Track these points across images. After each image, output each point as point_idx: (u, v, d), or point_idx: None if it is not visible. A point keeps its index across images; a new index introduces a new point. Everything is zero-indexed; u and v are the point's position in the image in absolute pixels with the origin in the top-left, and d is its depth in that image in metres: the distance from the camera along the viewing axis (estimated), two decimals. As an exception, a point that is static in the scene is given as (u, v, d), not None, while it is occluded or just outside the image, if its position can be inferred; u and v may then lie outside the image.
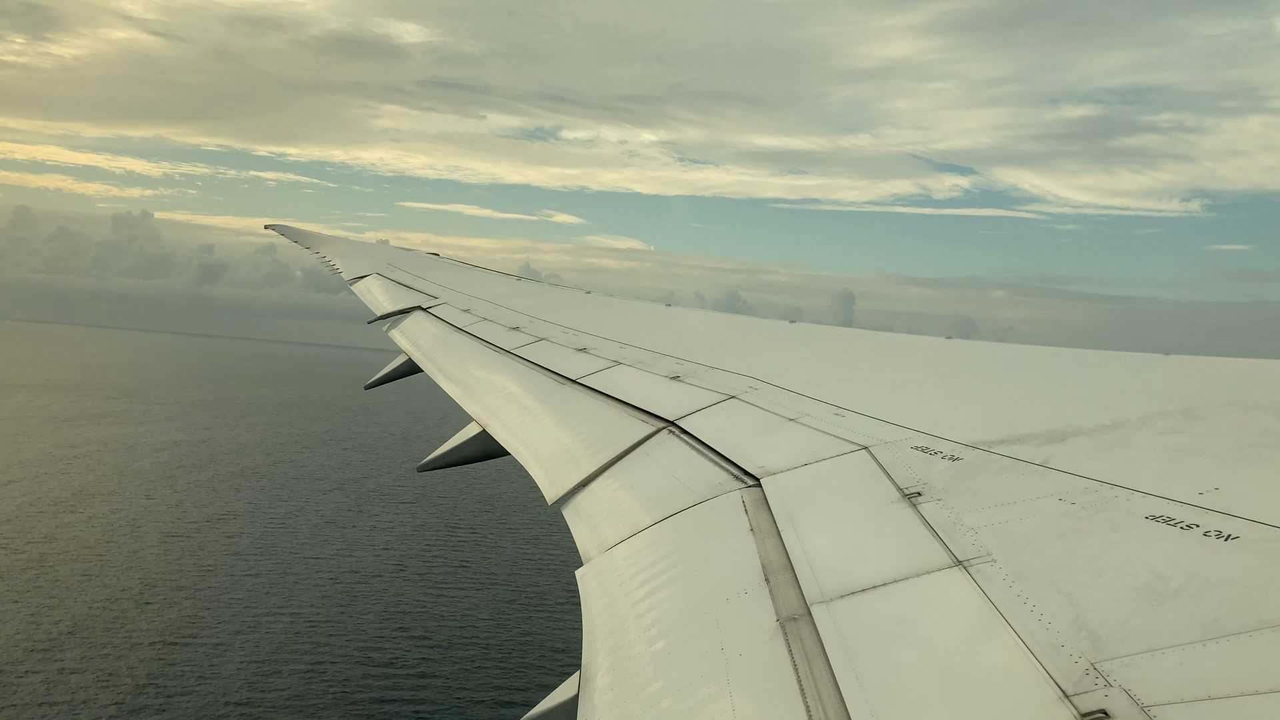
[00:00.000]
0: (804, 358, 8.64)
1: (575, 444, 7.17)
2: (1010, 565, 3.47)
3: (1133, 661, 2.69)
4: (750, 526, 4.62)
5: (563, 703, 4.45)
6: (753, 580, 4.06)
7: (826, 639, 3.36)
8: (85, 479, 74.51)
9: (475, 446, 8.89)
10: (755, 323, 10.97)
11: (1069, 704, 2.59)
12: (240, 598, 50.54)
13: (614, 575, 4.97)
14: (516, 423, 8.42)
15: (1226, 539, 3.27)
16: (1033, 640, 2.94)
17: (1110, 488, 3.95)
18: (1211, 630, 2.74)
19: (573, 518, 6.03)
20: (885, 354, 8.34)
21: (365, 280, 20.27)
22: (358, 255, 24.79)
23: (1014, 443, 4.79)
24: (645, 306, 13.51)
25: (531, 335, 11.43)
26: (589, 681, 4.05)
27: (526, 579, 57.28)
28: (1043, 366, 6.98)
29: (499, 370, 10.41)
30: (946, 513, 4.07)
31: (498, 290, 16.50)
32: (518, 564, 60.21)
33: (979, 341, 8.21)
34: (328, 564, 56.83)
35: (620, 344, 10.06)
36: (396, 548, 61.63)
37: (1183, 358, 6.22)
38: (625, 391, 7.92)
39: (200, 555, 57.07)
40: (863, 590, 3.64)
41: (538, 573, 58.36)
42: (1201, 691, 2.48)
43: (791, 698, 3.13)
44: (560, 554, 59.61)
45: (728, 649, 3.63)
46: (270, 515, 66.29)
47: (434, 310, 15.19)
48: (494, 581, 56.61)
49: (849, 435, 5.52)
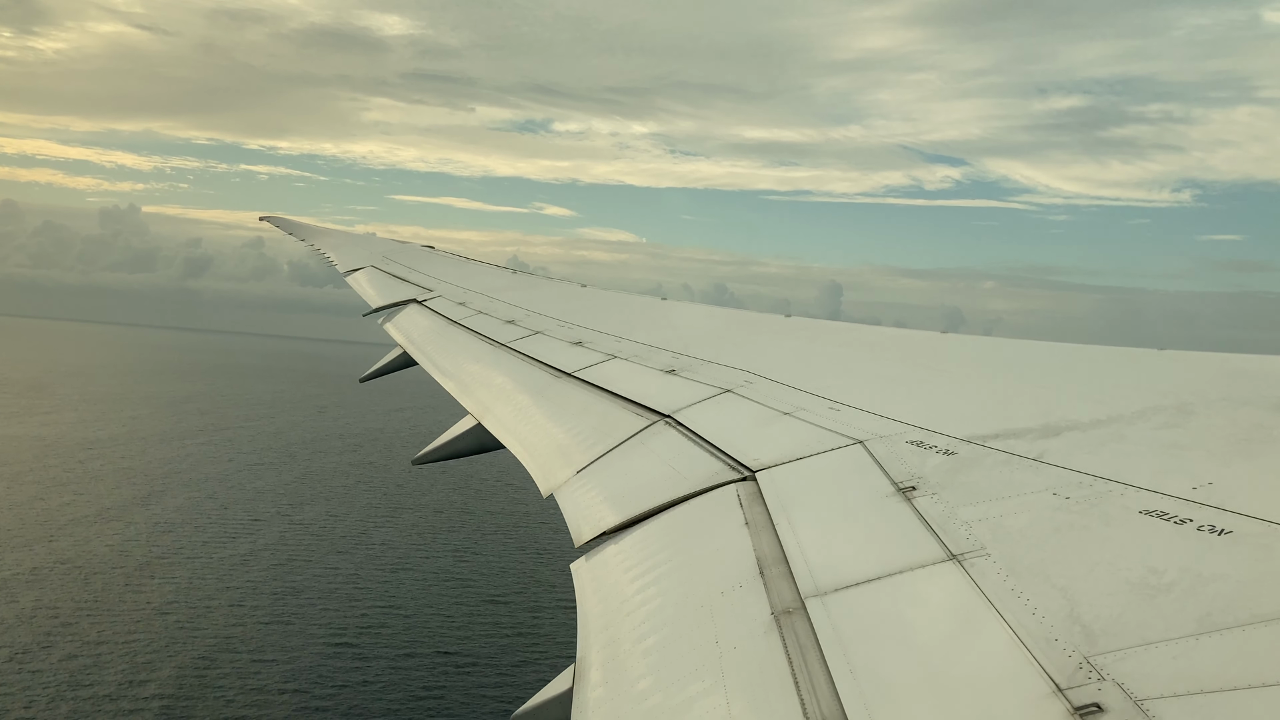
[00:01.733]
0: (799, 352, 8.64)
1: (570, 438, 7.17)
2: (1004, 559, 3.47)
3: (1126, 655, 2.70)
4: (745, 520, 4.62)
5: (557, 696, 4.45)
6: (747, 574, 4.06)
7: (821, 633, 3.37)
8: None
9: (470, 440, 8.88)
10: (751, 317, 10.96)
11: (1063, 697, 2.59)
12: (237, 587, 50.54)
13: (608, 569, 4.97)
14: (511, 416, 8.42)
15: (1220, 534, 3.27)
16: (1027, 634, 2.94)
17: (1105, 482, 3.95)
18: (1205, 624, 2.75)
19: (567, 508, 6.03)
20: (880, 348, 8.35)
21: (360, 273, 20.22)
22: (352, 248, 24.74)
23: (1009, 437, 4.80)
24: (641, 300, 13.51)
25: (527, 329, 11.41)
26: (583, 675, 4.05)
27: (521, 572, 57.32)
28: (1037, 361, 6.99)
29: (494, 363, 10.40)
30: (941, 507, 4.08)
31: (493, 283, 16.47)
32: (512, 557, 60.23)
33: (974, 336, 8.22)
34: (321, 556, 56.82)
35: (615, 338, 10.04)
36: (391, 540, 61.61)
37: (1177, 353, 6.23)
38: (620, 385, 7.91)
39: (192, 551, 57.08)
40: (857, 584, 3.64)
41: (532, 566, 58.39)
42: (1195, 685, 2.49)
43: (786, 691, 3.13)
44: (555, 547, 59.65)
45: (722, 642, 3.63)
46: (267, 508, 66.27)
47: (429, 303, 15.16)
48: (488, 574, 56.63)
49: (844, 429, 5.52)
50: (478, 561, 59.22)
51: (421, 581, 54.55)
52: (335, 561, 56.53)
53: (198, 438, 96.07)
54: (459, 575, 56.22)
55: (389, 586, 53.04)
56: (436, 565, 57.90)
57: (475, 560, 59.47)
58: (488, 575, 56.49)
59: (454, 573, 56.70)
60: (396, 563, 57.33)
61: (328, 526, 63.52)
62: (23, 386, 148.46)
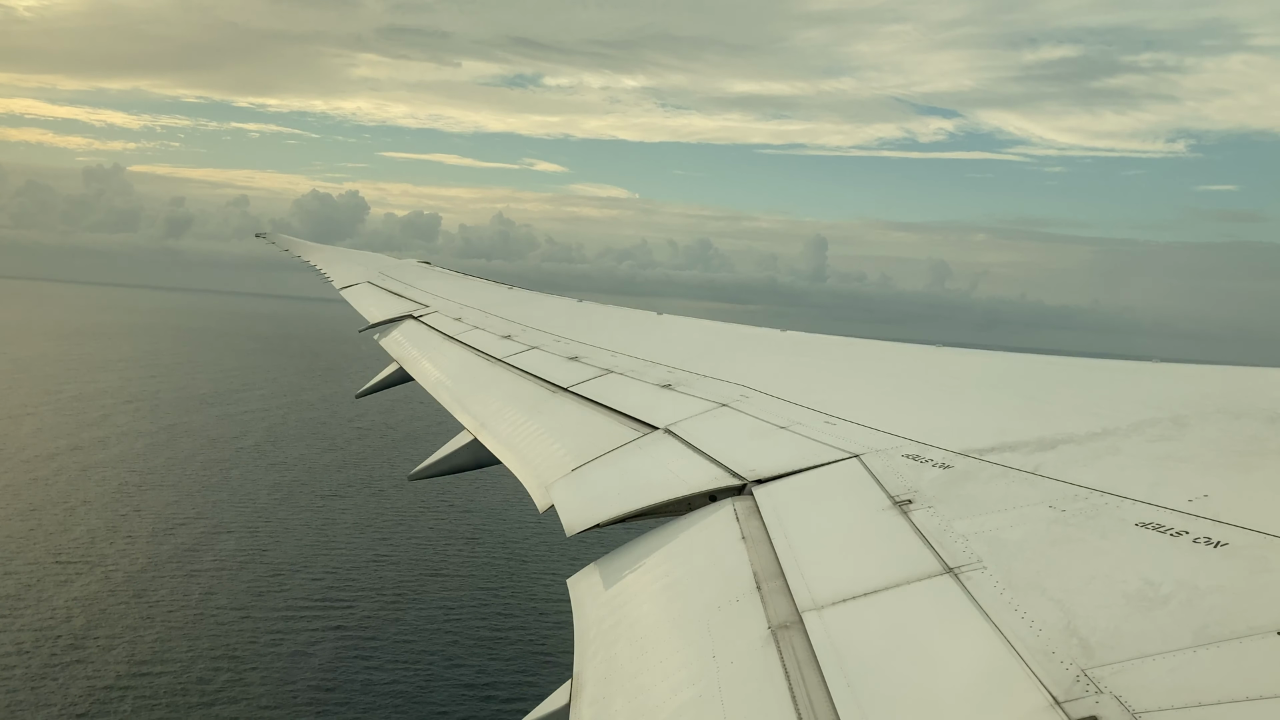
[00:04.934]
0: (795, 366, 8.66)
1: (566, 453, 7.16)
2: (1001, 572, 3.47)
3: (1124, 668, 2.70)
4: (742, 534, 4.62)
5: (554, 712, 4.43)
6: (744, 588, 4.06)
7: (818, 646, 3.36)
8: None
9: (467, 455, 8.87)
10: (747, 331, 10.99)
11: (1060, 710, 2.59)
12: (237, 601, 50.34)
13: (605, 585, 4.96)
14: (508, 431, 8.41)
15: (1216, 546, 3.28)
16: (1024, 647, 2.94)
17: (1101, 495, 3.96)
18: (1202, 637, 2.75)
19: (560, 500, 6.04)
20: (876, 362, 8.37)
21: (356, 288, 20.24)
22: (348, 264, 24.76)
23: (1005, 450, 4.81)
24: (637, 315, 13.53)
25: (523, 344, 11.42)
26: (580, 691, 4.04)
27: (517, 587, 57.17)
28: (1032, 374, 7.01)
29: (490, 378, 10.40)
30: (937, 520, 4.08)
31: (489, 298, 16.49)
32: (508, 573, 60.09)
33: (970, 350, 8.24)
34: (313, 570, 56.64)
35: (611, 352, 10.06)
36: (385, 556, 61.44)
37: (1171, 365, 6.26)
38: (617, 400, 7.92)
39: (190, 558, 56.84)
40: (854, 598, 3.64)
41: (528, 581, 58.25)
42: (1192, 698, 2.49)
43: (783, 705, 3.12)
44: (551, 563, 59.47)
45: (719, 657, 3.62)
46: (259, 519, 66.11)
47: (425, 318, 15.17)
48: (484, 590, 56.48)
49: (840, 443, 5.53)
50: (473, 577, 59.06)
51: (415, 596, 54.36)
52: (324, 576, 56.36)
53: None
54: (453, 591, 56.06)
55: (380, 604, 52.85)
56: (431, 581, 57.71)
57: (470, 576, 59.31)
58: (483, 591, 56.32)
59: (448, 588, 56.52)
60: (389, 580, 57.13)
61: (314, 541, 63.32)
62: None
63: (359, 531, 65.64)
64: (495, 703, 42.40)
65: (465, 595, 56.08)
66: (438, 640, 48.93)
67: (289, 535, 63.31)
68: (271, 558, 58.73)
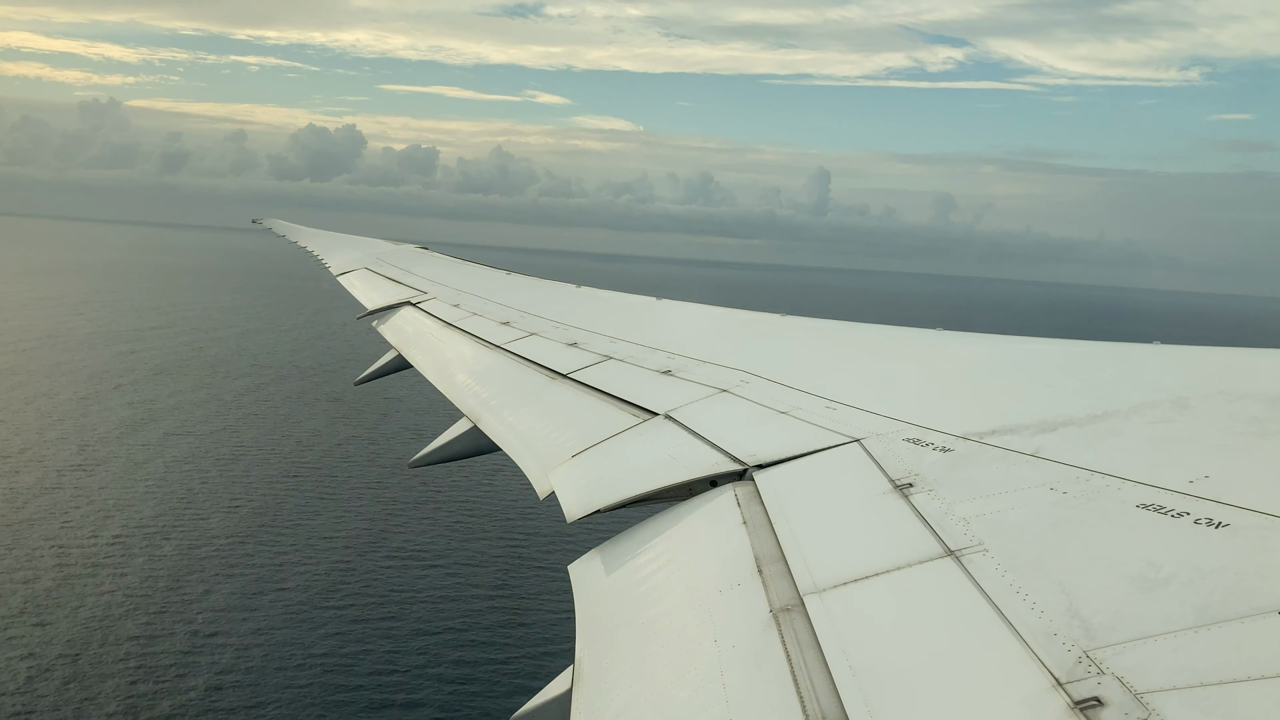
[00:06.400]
0: (795, 351, 8.65)
1: (566, 439, 7.16)
2: (1002, 555, 3.47)
3: (1126, 649, 2.70)
4: (743, 519, 4.62)
5: (556, 697, 4.44)
6: (746, 572, 4.06)
7: (819, 629, 3.37)
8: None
9: (467, 442, 8.87)
10: (746, 316, 10.98)
11: (1062, 692, 2.59)
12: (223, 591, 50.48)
13: (606, 570, 4.96)
14: (508, 418, 8.40)
15: (1217, 526, 3.28)
16: (1026, 629, 2.94)
17: (1101, 477, 3.96)
18: (1204, 617, 2.75)
19: (561, 487, 6.05)
20: (876, 346, 8.36)
21: (353, 274, 20.19)
22: (344, 249, 24.71)
23: (1005, 433, 4.80)
24: (637, 300, 13.51)
25: (522, 330, 11.40)
26: (582, 676, 4.04)
27: (518, 574, 57.35)
28: (1032, 357, 7.01)
29: (490, 365, 10.38)
30: (938, 503, 4.08)
31: (488, 284, 16.46)
32: (509, 559, 60.25)
33: (970, 334, 8.24)
34: (312, 557, 56.79)
35: (611, 339, 10.04)
36: (384, 544, 61.59)
37: (1171, 347, 6.25)
38: (616, 386, 7.91)
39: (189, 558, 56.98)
40: (855, 580, 3.64)
41: (529, 568, 58.42)
42: (1194, 678, 2.49)
43: (785, 688, 3.13)
44: (552, 549, 59.61)
45: (721, 641, 3.63)
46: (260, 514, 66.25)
47: (423, 305, 15.14)
48: (485, 576, 56.65)
49: (841, 428, 5.53)
50: (473, 564, 59.22)
51: (414, 584, 54.54)
52: (323, 564, 56.50)
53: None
54: (453, 578, 56.22)
55: (381, 590, 53.02)
56: (431, 568, 57.88)
57: (471, 563, 59.46)
58: (484, 578, 56.48)
59: (449, 575, 56.69)
60: (389, 566, 57.29)
61: (313, 530, 63.45)
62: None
63: (358, 519, 65.77)
64: (497, 690, 42.58)
65: (465, 582, 56.25)
66: (437, 626, 49.10)
67: (287, 523, 63.44)
68: (268, 546, 58.85)
